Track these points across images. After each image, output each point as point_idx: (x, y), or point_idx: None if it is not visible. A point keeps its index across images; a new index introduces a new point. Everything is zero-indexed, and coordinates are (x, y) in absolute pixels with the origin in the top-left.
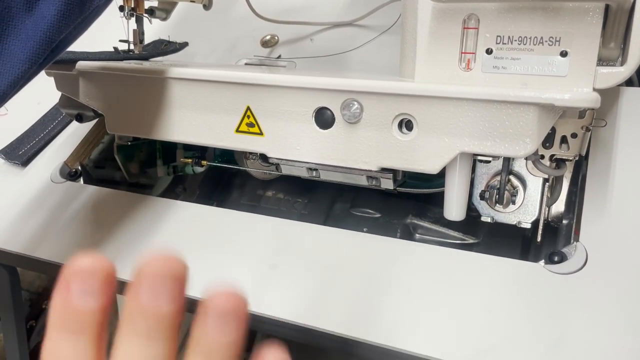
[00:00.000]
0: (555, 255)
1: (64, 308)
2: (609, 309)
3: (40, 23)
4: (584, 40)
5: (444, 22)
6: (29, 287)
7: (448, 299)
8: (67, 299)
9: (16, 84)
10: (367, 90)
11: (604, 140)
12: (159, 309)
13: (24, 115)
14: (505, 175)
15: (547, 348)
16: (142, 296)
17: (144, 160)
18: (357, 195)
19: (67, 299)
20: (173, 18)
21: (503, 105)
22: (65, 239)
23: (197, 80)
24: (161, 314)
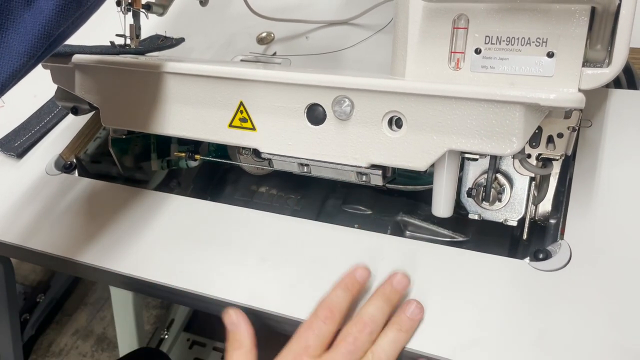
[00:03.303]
0: (540, 253)
1: (350, 279)
2: (592, 305)
3: (39, 17)
4: (570, 42)
5: (435, 22)
6: (23, 280)
7: (435, 294)
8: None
9: (14, 76)
10: (358, 87)
11: (591, 141)
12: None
13: (21, 108)
14: (492, 173)
15: (531, 342)
16: (393, 283)
17: (138, 153)
18: (349, 192)
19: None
20: (170, 14)
21: (490, 104)
22: (59, 231)
23: (191, 75)
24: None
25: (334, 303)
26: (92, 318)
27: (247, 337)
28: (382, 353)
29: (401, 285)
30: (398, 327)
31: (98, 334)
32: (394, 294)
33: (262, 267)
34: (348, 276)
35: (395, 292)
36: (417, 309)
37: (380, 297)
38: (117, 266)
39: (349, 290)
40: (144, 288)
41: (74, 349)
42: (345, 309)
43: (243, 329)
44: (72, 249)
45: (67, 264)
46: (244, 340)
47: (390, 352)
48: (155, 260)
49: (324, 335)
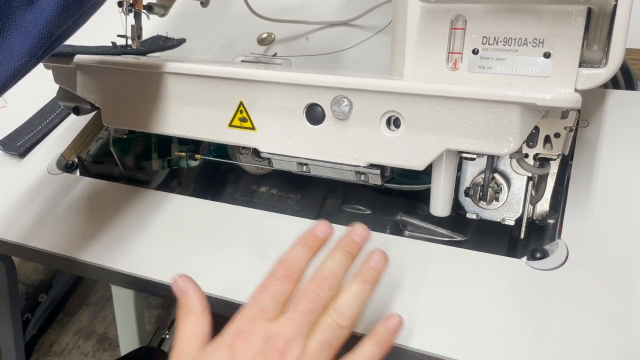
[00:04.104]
0: (538, 252)
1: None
2: (588, 304)
3: (40, 17)
4: (567, 42)
5: (433, 23)
6: (25, 280)
7: (432, 293)
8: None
9: (15, 75)
10: (356, 87)
11: (589, 141)
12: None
13: (23, 108)
14: (489, 173)
15: (528, 340)
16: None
17: (139, 153)
18: (349, 192)
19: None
20: (171, 14)
21: (487, 104)
22: (61, 230)
23: (192, 75)
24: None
25: (293, 261)
26: (94, 318)
27: (196, 303)
28: (345, 308)
29: (361, 238)
30: (362, 278)
31: (100, 334)
32: (354, 247)
33: (262, 266)
34: (309, 233)
35: (355, 244)
36: (380, 259)
37: (340, 251)
38: (119, 265)
39: (310, 247)
40: (144, 287)
41: (76, 349)
42: (304, 266)
43: (192, 295)
44: (73, 247)
45: (68, 263)
46: (194, 307)
47: (353, 306)
48: (156, 259)
49: (280, 295)
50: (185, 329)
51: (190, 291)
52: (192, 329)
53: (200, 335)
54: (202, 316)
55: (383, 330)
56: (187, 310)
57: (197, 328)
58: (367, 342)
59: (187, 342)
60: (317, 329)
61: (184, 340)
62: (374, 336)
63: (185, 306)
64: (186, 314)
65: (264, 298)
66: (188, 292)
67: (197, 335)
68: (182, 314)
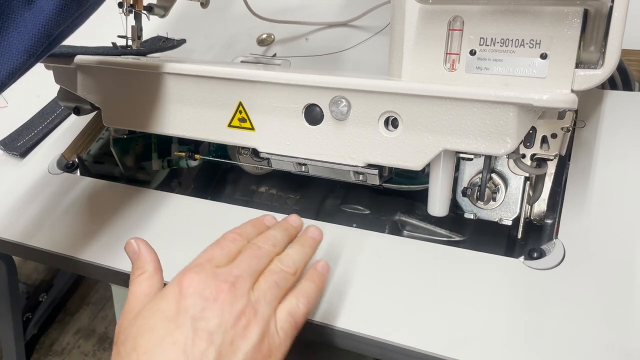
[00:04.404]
0: (535, 252)
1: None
2: (585, 303)
3: (39, 17)
4: (563, 43)
5: (430, 24)
6: (26, 280)
7: (430, 292)
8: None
9: (14, 74)
10: (354, 88)
11: (587, 141)
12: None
13: (24, 108)
14: (487, 173)
15: (524, 339)
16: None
17: (139, 153)
18: (348, 192)
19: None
20: (171, 15)
21: (484, 105)
22: (61, 229)
23: (191, 76)
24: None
25: (242, 231)
26: (94, 317)
27: (148, 263)
28: (289, 258)
29: (297, 224)
30: (301, 242)
31: (100, 334)
32: (292, 229)
33: None
34: (258, 219)
35: (293, 228)
36: (316, 229)
37: (279, 228)
38: (119, 264)
39: (257, 228)
40: None
41: (76, 348)
42: (251, 238)
43: (144, 256)
44: (73, 247)
45: (68, 262)
46: (146, 266)
47: (297, 259)
48: None
49: (230, 251)
50: (136, 286)
51: (143, 252)
52: (144, 285)
53: (152, 291)
54: (154, 274)
55: (312, 271)
56: (139, 270)
57: (149, 284)
58: (293, 244)
59: (137, 297)
60: (264, 272)
61: (135, 295)
62: (298, 239)
63: (138, 267)
64: (138, 273)
65: (214, 250)
66: (141, 254)
67: (149, 292)
68: (134, 274)
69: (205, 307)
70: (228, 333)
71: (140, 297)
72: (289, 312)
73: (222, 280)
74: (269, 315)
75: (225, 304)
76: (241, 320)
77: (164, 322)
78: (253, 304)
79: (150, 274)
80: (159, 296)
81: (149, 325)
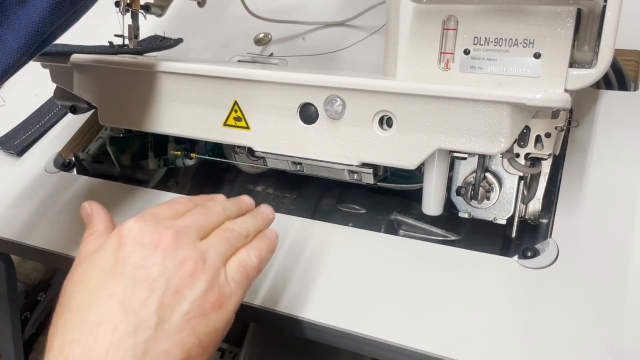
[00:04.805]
0: (529, 251)
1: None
2: (578, 303)
3: (33, 14)
4: (557, 43)
5: (425, 23)
6: (25, 279)
7: (425, 291)
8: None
9: (7, 72)
10: (349, 87)
11: (581, 141)
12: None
13: (21, 106)
14: (480, 172)
15: (518, 338)
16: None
17: (136, 152)
18: (344, 191)
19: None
20: (168, 14)
21: (478, 104)
22: (57, 228)
23: (187, 75)
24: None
25: (192, 198)
26: None
27: (99, 222)
28: (242, 222)
29: (249, 202)
30: (254, 215)
31: None
32: (243, 204)
33: None
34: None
35: (244, 204)
36: (269, 209)
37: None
38: None
39: (207, 199)
40: None
41: None
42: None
43: (96, 216)
44: (70, 245)
45: (65, 260)
46: (96, 226)
47: (249, 225)
48: None
49: (176, 209)
50: (84, 246)
51: (96, 213)
52: (92, 245)
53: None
54: (103, 234)
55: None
56: (90, 231)
57: (97, 243)
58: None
59: (83, 256)
60: (215, 230)
61: (81, 255)
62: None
63: (89, 227)
64: (89, 234)
65: (160, 206)
66: (94, 216)
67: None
68: (85, 235)
69: (145, 255)
70: (171, 281)
71: (85, 256)
72: (239, 262)
73: (165, 228)
74: (218, 265)
75: (168, 251)
76: (186, 267)
77: (100, 274)
78: (201, 253)
79: (100, 234)
80: (98, 250)
81: (85, 279)
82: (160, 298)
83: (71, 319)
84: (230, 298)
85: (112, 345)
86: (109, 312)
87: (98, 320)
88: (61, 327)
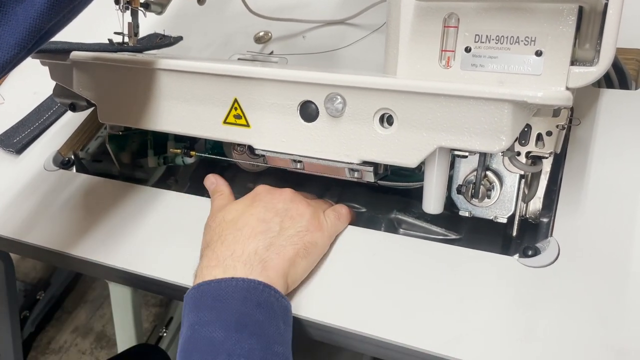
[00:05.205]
0: (530, 250)
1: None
2: (579, 301)
3: (30, 10)
4: (558, 41)
5: (426, 21)
6: (24, 278)
7: (426, 290)
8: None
9: (4, 68)
10: (350, 84)
11: (582, 140)
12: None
13: (20, 104)
14: (481, 170)
15: (519, 337)
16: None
17: (135, 150)
18: (344, 190)
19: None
20: (168, 12)
21: (479, 102)
22: (56, 226)
23: (186, 72)
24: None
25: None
26: (92, 315)
27: (225, 187)
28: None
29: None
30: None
31: (97, 332)
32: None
33: None
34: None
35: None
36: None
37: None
38: (114, 261)
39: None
40: (140, 283)
41: (74, 346)
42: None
43: (221, 183)
44: (69, 243)
45: (64, 259)
46: (224, 189)
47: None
48: (151, 255)
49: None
50: (217, 201)
51: (220, 181)
52: (223, 200)
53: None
54: (230, 195)
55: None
56: (218, 193)
57: (227, 200)
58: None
59: (218, 207)
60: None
61: (216, 206)
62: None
63: (217, 191)
64: (217, 195)
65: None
66: (219, 183)
67: (226, 204)
68: (214, 196)
69: (273, 198)
70: (290, 211)
71: (220, 207)
72: (333, 209)
73: (283, 190)
74: (319, 209)
75: (287, 198)
76: (299, 206)
77: (242, 207)
78: (308, 202)
79: (227, 195)
80: (230, 204)
81: (230, 214)
82: (282, 219)
83: (226, 231)
84: (327, 227)
85: (250, 237)
86: (249, 222)
87: (241, 225)
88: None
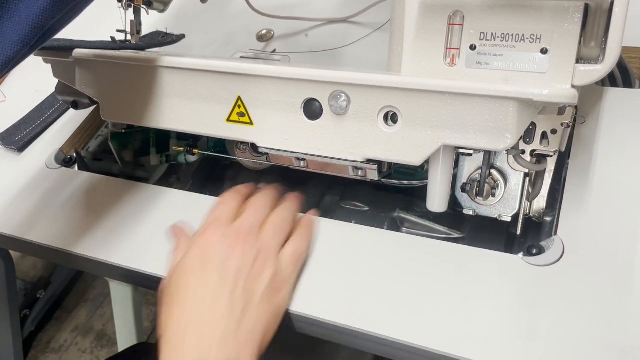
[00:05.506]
0: (534, 248)
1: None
2: (583, 300)
3: (33, 7)
4: (564, 38)
5: (430, 18)
6: (24, 276)
7: (429, 288)
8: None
9: (7, 64)
10: (354, 82)
11: (586, 138)
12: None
13: (22, 102)
14: (486, 169)
15: (523, 336)
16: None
17: (137, 148)
18: (347, 188)
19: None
20: (170, 10)
21: (484, 100)
22: (58, 224)
23: (190, 70)
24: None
25: (237, 189)
26: (92, 314)
27: (183, 241)
28: (284, 211)
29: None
30: (285, 205)
31: (98, 331)
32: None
33: None
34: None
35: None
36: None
37: (263, 194)
38: (115, 258)
39: (245, 189)
40: (141, 281)
41: (74, 345)
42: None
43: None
44: (71, 241)
45: (65, 256)
46: (181, 245)
47: (291, 211)
48: (152, 253)
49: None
50: (172, 258)
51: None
52: (176, 258)
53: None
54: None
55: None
56: (176, 247)
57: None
58: (296, 229)
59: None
60: (268, 221)
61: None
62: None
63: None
64: (175, 249)
65: (221, 213)
66: (179, 234)
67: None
68: (174, 250)
69: (229, 252)
70: (251, 272)
71: (173, 268)
72: (293, 249)
73: (237, 230)
74: (278, 255)
75: (244, 250)
76: (258, 261)
77: (194, 277)
78: (266, 246)
79: (183, 249)
80: (184, 255)
81: (182, 288)
82: (244, 284)
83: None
84: (288, 280)
85: (213, 323)
86: (206, 299)
87: (199, 308)
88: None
